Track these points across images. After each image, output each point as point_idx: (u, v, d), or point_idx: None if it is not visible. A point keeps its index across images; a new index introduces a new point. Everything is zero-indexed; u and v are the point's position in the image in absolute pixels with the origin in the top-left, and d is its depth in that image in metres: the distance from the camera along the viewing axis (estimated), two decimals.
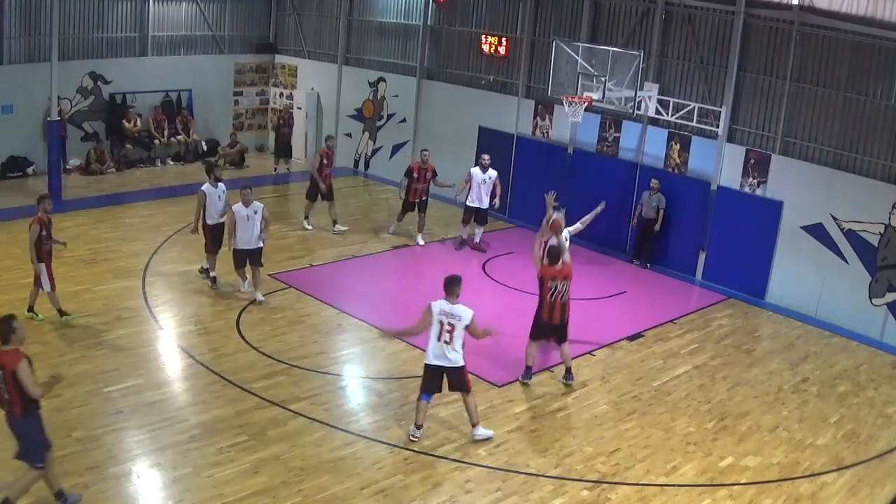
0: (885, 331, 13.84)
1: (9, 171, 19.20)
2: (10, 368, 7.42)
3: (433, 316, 9.40)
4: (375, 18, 21.76)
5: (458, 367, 9.49)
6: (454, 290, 9.46)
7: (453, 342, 9.38)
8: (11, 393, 7.49)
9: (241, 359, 11.31)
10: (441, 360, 9.45)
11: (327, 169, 17.02)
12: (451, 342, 9.38)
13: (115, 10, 20.81)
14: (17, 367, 7.41)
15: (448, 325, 9.34)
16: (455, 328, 9.34)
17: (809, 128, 14.72)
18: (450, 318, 9.35)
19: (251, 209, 13.12)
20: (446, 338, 9.37)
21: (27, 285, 13.02)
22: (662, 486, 9.18)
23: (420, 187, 16.73)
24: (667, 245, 16.41)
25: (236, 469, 8.76)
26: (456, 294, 9.46)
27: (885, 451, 10.36)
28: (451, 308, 9.40)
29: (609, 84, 14.72)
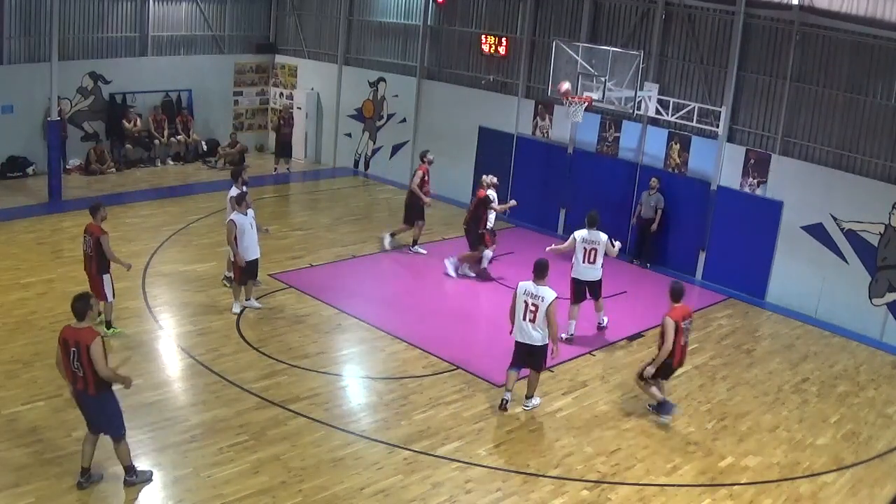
0: (885, 331, 13.84)
1: (9, 171, 19.19)
2: (84, 344, 7.72)
3: (518, 297, 10.15)
4: (375, 18, 21.76)
5: (540, 345, 10.18)
6: (541, 274, 10.15)
7: (537, 321, 10.03)
8: (86, 369, 7.78)
9: (241, 359, 11.31)
10: (525, 337, 10.18)
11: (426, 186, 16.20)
12: (534, 321, 10.05)
13: (115, 10, 20.81)
14: (92, 343, 7.69)
15: (532, 305, 10.03)
16: (539, 308, 9.99)
17: (809, 128, 14.72)
18: (533, 298, 10.04)
19: (250, 216, 12.64)
20: (530, 317, 10.06)
21: (27, 285, 13.06)
22: (662, 486, 9.18)
23: None
24: (667, 245, 16.42)
25: (236, 469, 8.76)
26: (542, 277, 10.14)
27: (885, 451, 10.36)
28: (536, 289, 10.06)
29: (609, 84, 14.72)
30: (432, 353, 11.92)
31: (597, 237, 12.52)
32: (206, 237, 16.18)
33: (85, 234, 11.29)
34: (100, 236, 11.08)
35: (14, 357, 10.73)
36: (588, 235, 12.51)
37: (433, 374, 11.33)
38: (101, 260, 11.19)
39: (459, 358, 11.80)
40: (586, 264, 12.47)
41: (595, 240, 12.49)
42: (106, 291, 11.35)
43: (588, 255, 12.51)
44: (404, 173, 21.27)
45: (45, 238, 15.54)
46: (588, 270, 12.61)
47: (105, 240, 11.11)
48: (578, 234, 12.56)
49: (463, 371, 11.45)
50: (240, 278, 12.80)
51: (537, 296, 10.06)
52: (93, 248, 11.14)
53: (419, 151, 17.48)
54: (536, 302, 10.03)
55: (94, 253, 11.17)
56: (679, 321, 10.01)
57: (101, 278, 11.28)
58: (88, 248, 11.24)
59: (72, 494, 8.07)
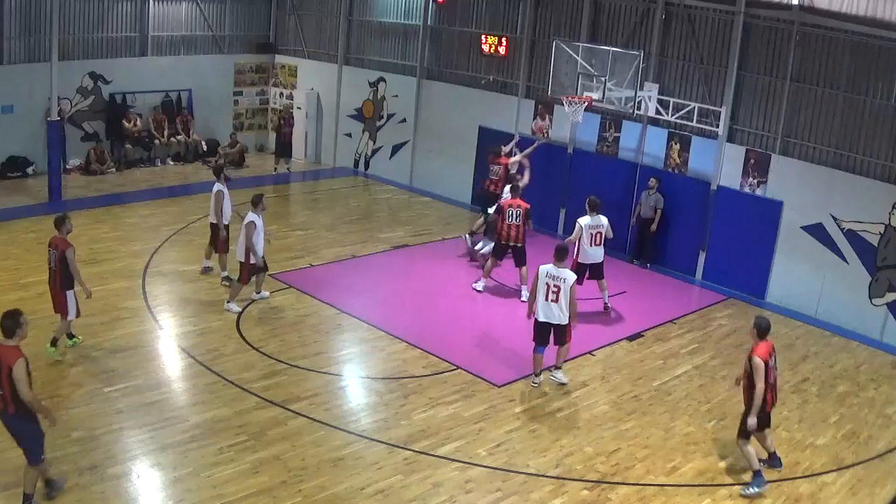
0: (885, 331, 13.83)
1: (9, 171, 19.20)
2: (6, 364, 7.33)
3: (540, 279, 10.78)
4: (375, 18, 21.76)
5: (563, 324, 10.86)
6: (562, 256, 10.90)
7: (559, 301, 10.74)
8: (5, 389, 7.40)
9: (241, 359, 11.31)
10: (548, 317, 10.84)
11: None
12: (557, 301, 10.76)
13: (115, 10, 20.81)
14: (14, 364, 7.31)
15: (554, 286, 10.75)
16: (560, 289, 10.73)
17: (809, 128, 14.72)
18: (555, 280, 10.76)
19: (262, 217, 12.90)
20: (552, 297, 10.75)
21: (27, 285, 13.05)
22: (662, 486, 9.18)
23: None
24: (667, 245, 16.42)
25: (236, 469, 8.76)
26: (562, 259, 10.89)
27: (885, 451, 10.36)
28: (557, 271, 10.79)
29: (609, 84, 14.72)
30: (432, 353, 11.92)
31: (599, 221, 13.50)
32: (206, 237, 16.13)
33: (50, 247, 10.77)
34: (66, 249, 10.56)
35: None
36: (591, 220, 13.44)
37: (433, 374, 11.33)
38: (66, 275, 10.63)
39: (459, 358, 11.80)
40: (593, 247, 13.34)
41: (598, 223, 13.49)
42: (69, 308, 10.80)
43: (594, 238, 13.46)
44: (404, 173, 21.32)
45: (45, 238, 15.25)
46: (595, 252, 13.56)
47: (71, 253, 10.60)
48: (583, 221, 13.44)
49: (463, 371, 11.45)
50: (247, 278, 12.86)
51: (559, 277, 10.75)
52: (57, 263, 10.60)
53: (489, 147, 17.58)
54: (558, 283, 10.74)
55: (58, 267, 10.62)
56: (768, 359, 9.00)
57: (64, 294, 10.73)
58: (53, 263, 10.69)
59: (71, 494, 8.07)
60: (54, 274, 10.74)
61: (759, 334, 9.12)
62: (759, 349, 9.01)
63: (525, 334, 13.30)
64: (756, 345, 9.07)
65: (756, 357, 8.91)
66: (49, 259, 10.82)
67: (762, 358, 8.91)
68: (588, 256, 13.48)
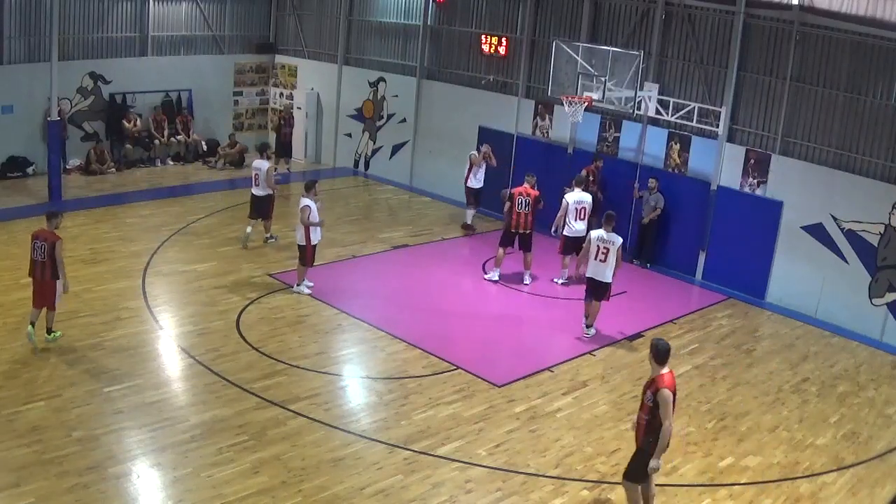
0: (885, 331, 13.84)
1: (9, 171, 19.20)
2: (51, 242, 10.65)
3: (592, 242, 12.52)
4: (375, 18, 21.76)
5: (607, 282, 12.57)
6: (610, 222, 12.55)
7: (607, 261, 12.40)
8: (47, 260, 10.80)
9: (241, 359, 11.31)
10: (597, 274, 12.57)
11: None
12: (605, 261, 12.44)
13: (115, 10, 20.80)
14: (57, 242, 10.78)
15: (603, 248, 12.44)
16: (609, 251, 12.38)
17: (809, 128, 14.72)
18: (605, 242, 12.43)
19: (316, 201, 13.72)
20: (601, 257, 12.46)
21: (27, 285, 13.01)
22: (662, 486, 9.17)
23: None
24: (667, 245, 16.42)
25: (236, 469, 8.76)
26: (611, 225, 12.51)
27: (885, 451, 10.36)
28: (607, 235, 12.46)
29: (609, 84, 14.73)
30: (432, 353, 11.92)
31: (584, 196, 14.64)
32: (206, 237, 16.19)
33: (36, 239, 11.02)
34: (55, 241, 10.93)
35: (14, 357, 10.73)
36: (577, 196, 14.59)
37: (433, 374, 11.33)
38: (55, 266, 10.99)
39: (459, 358, 11.80)
40: (578, 221, 14.08)
41: (583, 199, 14.62)
42: (55, 298, 11.15)
43: (579, 213, 14.57)
44: (404, 173, 21.31)
45: None
46: (580, 226, 14.56)
47: (59, 245, 10.97)
48: (569, 197, 14.59)
49: (463, 371, 11.45)
50: (311, 259, 13.72)
51: (608, 240, 12.44)
52: (47, 254, 10.92)
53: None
54: (608, 245, 12.43)
55: (48, 259, 10.94)
56: (675, 389, 7.93)
57: (54, 283, 11.07)
58: (41, 255, 10.95)
59: (72, 494, 8.07)
60: (42, 266, 11.01)
61: (659, 359, 7.83)
62: (665, 379, 7.79)
63: (525, 334, 13.34)
64: (659, 374, 7.81)
65: (664, 389, 7.69)
66: (34, 251, 11.02)
67: (670, 389, 7.75)
68: (574, 230, 14.59)
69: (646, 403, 7.87)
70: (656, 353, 7.85)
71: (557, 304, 14.45)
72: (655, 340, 7.95)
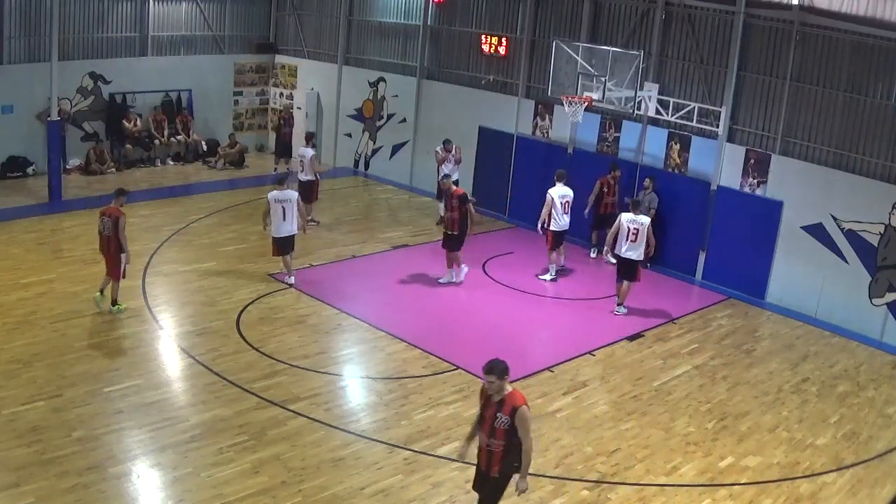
0: (885, 331, 13.83)
1: (9, 171, 19.20)
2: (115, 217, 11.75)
3: (622, 224, 13.51)
4: (375, 18, 21.76)
5: (635, 260, 13.59)
6: (637, 206, 13.79)
7: (638, 241, 13.42)
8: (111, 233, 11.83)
9: (241, 359, 11.31)
10: (627, 253, 13.57)
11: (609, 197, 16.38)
12: (635, 241, 13.45)
13: (115, 10, 20.81)
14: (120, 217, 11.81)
15: (634, 229, 13.45)
16: (640, 231, 13.43)
17: (809, 128, 14.72)
18: (635, 223, 13.48)
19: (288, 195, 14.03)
20: (632, 237, 13.47)
21: (27, 285, 13.06)
22: (662, 486, 9.18)
23: None
24: (667, 245, 16.40)
25: (236, 469, 8.76)
26: (638, 208, 13.73)
27: (885, 451, 10.36)
28: (637, 217, 13.53)
29: (609, 84, 14.73)
30: (432, 353, 11.92)
31: (567, 191, 15.08)
32: (206, 237, 16.19)
33: (103, 216, 12.08)
34: (119, 217, 12.00)
35: (14, 357, 10.73)
36: (562, 190, 15.00)
37: (433, 374, 11.33)
38: (119, 240, 12.03)
39: (459, 358, 11.80)
40: (628, 243, 13.70)
41: (567, 193, 15.06)
42: (121, 270, 12.21)
43: (565, 206, 15.00)
44: (404, 173, 21.31)
45: (45, 238, 15.55)
46: (565, 220, 15.05)
47: (123, 220, 12.02)
48: (554, 191, 14.96)
49: (463, 371, 11.45)
50: None
51: (638, 221, 13.48)
52: (111, 229, 11.98)
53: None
54: (637, 226, 13.43)
55: (112, 233, 11.99)
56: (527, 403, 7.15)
57: (118, 257, 12.09)
58: (106, 230, 12.01)
59: (72, 494, 8.07)
60: (108, 240, 12.09)
61: (506, 376, 7.07)
62: (518, 396, 7.08)
63: (525, 334, 13.32)
64: (509, 392, 7.07)
65: (523, 407, 7.00)
66: (101, 227, 12.10)
67: (528, 405, 7.08)
68: (560, 225, 14.99)
69: (499, 428, 7.01)
70: (496, 372, 7.00)
71: (557, 304, 14.45)
72: (492, 361, 7.09)
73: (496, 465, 7.15)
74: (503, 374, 7.00)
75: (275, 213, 13.64)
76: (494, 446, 7.08)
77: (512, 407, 6.98)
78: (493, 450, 7.10)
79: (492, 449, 7.11)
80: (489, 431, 7.08)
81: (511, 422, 6.97)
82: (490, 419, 7.06)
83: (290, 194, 13.88)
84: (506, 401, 7.02)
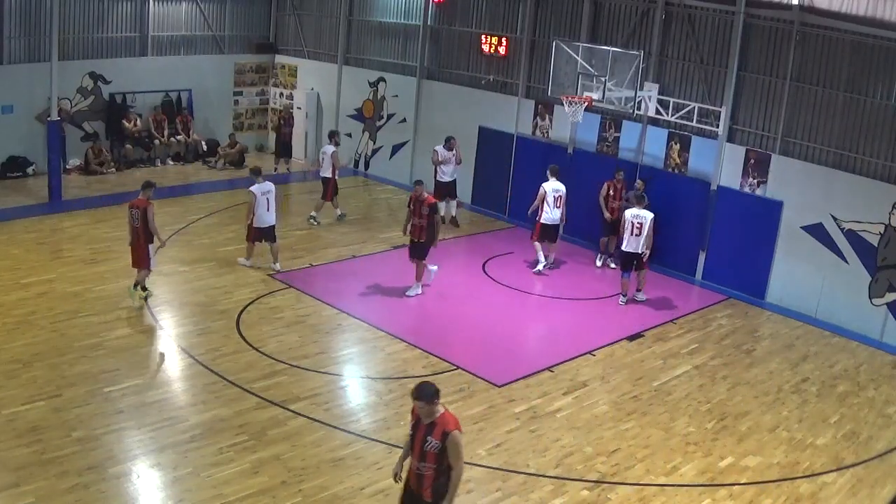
0: (885, 331, 13.83)
1: (9, 172, 19.20)
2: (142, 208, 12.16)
3: (627, 220, 14.09)
4: (375, 18, 21.76)
5: (641, 252, 14.09)
6: (641, 201, 14.35)
7: (641, 235, 14.00)
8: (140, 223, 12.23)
9: (241, 359, 11.31)
10: (632, 247, 14.07)
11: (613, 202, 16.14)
12: (639, 235, 14.02)
13: (115, 10, 20.81)
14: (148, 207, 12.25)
15: (637, 223, 14.03)
16: (643, 225, 13.98)
17: (809, 128, 14.72)
18: (639, 219, 14.04)
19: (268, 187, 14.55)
20: (636, 232, 14.02)
21: (27, 285, 13.06)
22: (662, 486, 9.18)
23: None
24: (667, 245, 16.40)
25: (236, 469, 8.76)
26: (641, 203, 14.29)
27: (885, 451, 10.36)
28: (640, 212, 14.10)
29: (609, 84, 14.72)
30: (432, 353, 11.92)
31: (560, 185, 15.39)
32: (206, 237, 16.19)
33: (131, 208, 12.53)
34: (147, 207, 12.41)
35: (14, 357, 10.73)
36: (554, 185, 15.33)
37: (433, 374, 11.31)
38: (147, 231, 12.45)
39: (459, 358, 11.80)
40: (633, 237, 14.13)
41: (559, 188, 15.38)
42: (151, 259, 12.70)
43: (556, 200, 15.33)
44: (404, 173, 21.30)
45: (45, 238, 15.55)
46: (555, 213, 15.41)
47: (151, 211, 12.42)
48: (547, 186, 15.31)
49: (463, 371, 11.45)
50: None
51: (641, 216, 14.03)
52: (140, 220, 12.38)
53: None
54: (641, 220, 13.99)
55: (140, 224, 12.39)
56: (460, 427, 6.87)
57: (147, 247, 12.57)
58: (135, 221, 12.43)
59: (72, 494, 8.07)
60: (137, 231, 12.50)
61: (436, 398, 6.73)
62: (450, 419, 6.76)
63: (525, 334, 13.32)
64: (440, 414, 6.74)
65: (455, 431, 6.67)
66: (131, 219, 12.53)
67: (459, 429, 6.76)
68: (550, 218, 15.35)
69: (430, 452, 6.69)
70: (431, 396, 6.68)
71: (557, 304, 14.44)
72: (421, 386, 6.76)
73: (427, 489, 6.84)
74: (432, 398, 6.69)
75: (260, 205, 14.23)
76: (424, 469, 6.79)
77: (443, 431, 6.66)
78: (424, 473, 6.81)
79: (422, 472, 6.82)
80: (419, 455, 6.78)
81: (441, 446, 6.66)
82: (420, 442, 6.77)
83: (270, 185, 14.55)
84: (437, 424, 6.70)
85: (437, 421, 6.71)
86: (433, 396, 6.69)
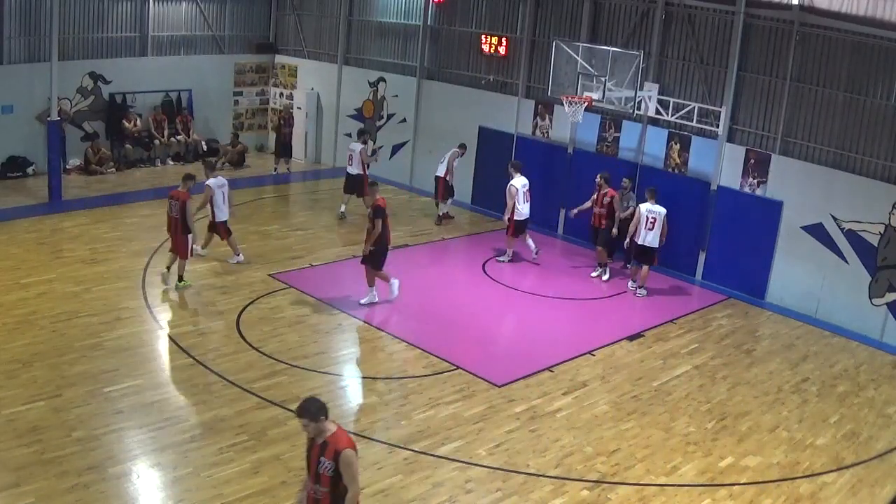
0: (885, 331, 13.83)
1: (9, 172, 19.20)
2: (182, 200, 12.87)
3: (642, 213, 14.40)
4: (375, 18, 21.76)
5: (654, 247, 14.54)
6: (653, 195, 14.54)
7: (655, 229, 14.35)
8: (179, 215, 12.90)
9: (241, 359, 11.31)
10: (646, 241, 14.46)
11: None
12: (652, 229, 14.36)
13: (115, 10, 20.81)
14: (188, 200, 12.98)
15: (651, 218, 14.37)
16: (657, 219, 14.35)
17: (809, 128, 14.72)
18: (653, 213, 14.38)
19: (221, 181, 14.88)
20: (650, 226, 14.37)
21: (27, 285, 13.06)
22: (662, 486, 9.18)
23: None
24: (667, 245, 16.38)
25: (236, 469, 8.76)
26: (654, 198, 14.49)
27: (885, 451, 10.36)
28: (654, 207, 14.44)
29: (609, 84, 14.72)
30: (432, 353, 11.92)
31: (526, 181, 15.78)
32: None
33: (171, 199, 13.21)
34: (186, 200, 13.10)
35: (14, 357, 10.73)
36: (523, 181, 15.75)
37: (433, 374, 11.33)
38: (185, 221, 13.08)
39: (459, 358, 11.80)
40: (647, 231, 14.47)
41: (526, 183, 15.78)
42: (188, 249, 13.30)
43: (526, 196, 15.73)
44: (404, 173, 21.31)
45: (45, 238, 15.55)
46: (525, 209, 15.73)
47: (189, 203, 13.16)
48: (517, 183, 15.71)
49: (463, 371, 11.45)
50: None
51: (656, 211, 14.36)
52: (179, 211, 13.04)
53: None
54: (655, 215, 14.34)
55: (179, 215, 13.05)
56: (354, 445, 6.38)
57: (185, 238, 13.17)
58: (174, 212, 13.10)
59: (72, 494, 8.07)
60: (175, 221, 13.15)
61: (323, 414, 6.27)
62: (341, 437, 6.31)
63: (525, 334, 13.33)
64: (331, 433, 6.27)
65: (348, 450, 6.21)
66: (170, 209, 13.22)
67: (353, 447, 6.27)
68: (521, 214, 15.72)
69: (324, 474, 6.21)
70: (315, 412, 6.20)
71: (557, 304, 14.44)
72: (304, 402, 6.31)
73: None
74: (316, 415, 6.17)
75: (217, 198, 14.56)
76: (320, 493, 6.29)
77: (335, 451, 6.16)
78: (319, 497, 6.31)
79: (318, 497, 6.31)
80: (314, 476, 6.28)
81: (335, 467, 6.17)
82: (314, 463, 6.27)
83: (224, 180, 14.94)
84: (328, 444, 6.20)
85: (329, 440, 6.22)
86: (317, 413, 6.18)
